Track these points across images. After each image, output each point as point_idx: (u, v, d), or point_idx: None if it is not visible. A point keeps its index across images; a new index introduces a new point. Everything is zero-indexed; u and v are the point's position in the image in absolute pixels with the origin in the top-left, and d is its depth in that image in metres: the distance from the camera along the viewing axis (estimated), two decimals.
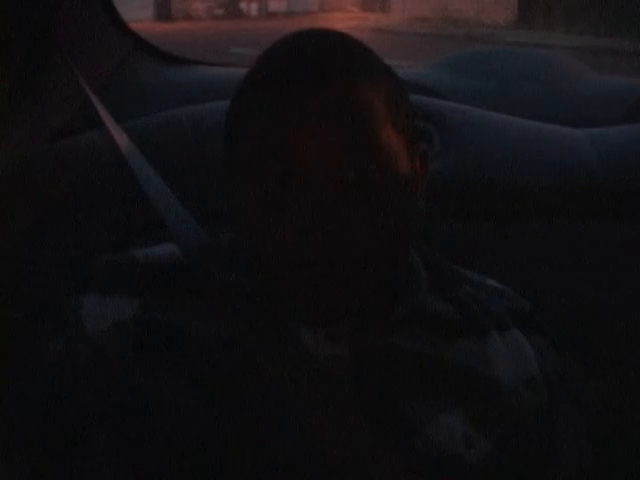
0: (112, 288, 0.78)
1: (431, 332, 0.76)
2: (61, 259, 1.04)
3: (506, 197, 1.09)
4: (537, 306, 0.85)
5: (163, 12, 11.93)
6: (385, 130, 0.70)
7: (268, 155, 0.69)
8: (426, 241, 0.84)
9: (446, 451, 0.72)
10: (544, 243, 1.07)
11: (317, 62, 0.70)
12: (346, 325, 0.74)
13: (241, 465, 0.69)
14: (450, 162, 1.10)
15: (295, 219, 0.67)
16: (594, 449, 0.81)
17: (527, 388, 0.77)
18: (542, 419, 0.77)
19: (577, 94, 1.50)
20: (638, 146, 1.16)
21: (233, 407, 0.71)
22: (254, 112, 0.71)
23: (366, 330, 0.75)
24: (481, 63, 1.63)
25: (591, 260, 1.07)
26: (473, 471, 0.72)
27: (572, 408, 0.81)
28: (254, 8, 13.70)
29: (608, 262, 1.07)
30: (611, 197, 1.09)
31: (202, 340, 0.73)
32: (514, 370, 0.77)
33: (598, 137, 1.19)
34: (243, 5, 13.76)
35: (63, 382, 0.77)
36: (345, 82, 0.69)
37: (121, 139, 1.02)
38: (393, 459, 0.70)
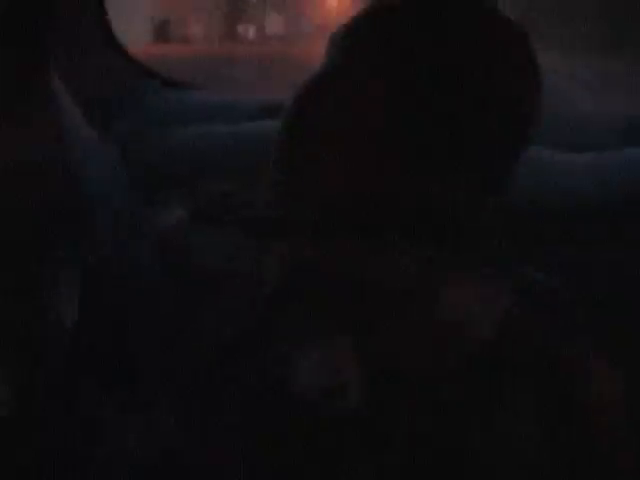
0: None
1: None
2: (53, 259, 1.04)
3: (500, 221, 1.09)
4: None
5: (161, 35, 12.00)
6: None
7: None
8: None
9: None
10: (539, 266, 1.07)
11: None
12: None
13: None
14: None
15: None
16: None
17: None
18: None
19: (573, 117, 1.50)
20: (635, 170, 1.16)
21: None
22: None
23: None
24: None
25: (585, 284, 1.06)
26: None
27: None
28: (251, 31, 13.79)
29: (603, 286, 1.07)
30: (608, 222, 1.09)
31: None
32: None
33: (595, 161, 1.19)
34: (240, 28, 13.85)
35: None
36: None
37: (110, 151, 1.02)
38: None
